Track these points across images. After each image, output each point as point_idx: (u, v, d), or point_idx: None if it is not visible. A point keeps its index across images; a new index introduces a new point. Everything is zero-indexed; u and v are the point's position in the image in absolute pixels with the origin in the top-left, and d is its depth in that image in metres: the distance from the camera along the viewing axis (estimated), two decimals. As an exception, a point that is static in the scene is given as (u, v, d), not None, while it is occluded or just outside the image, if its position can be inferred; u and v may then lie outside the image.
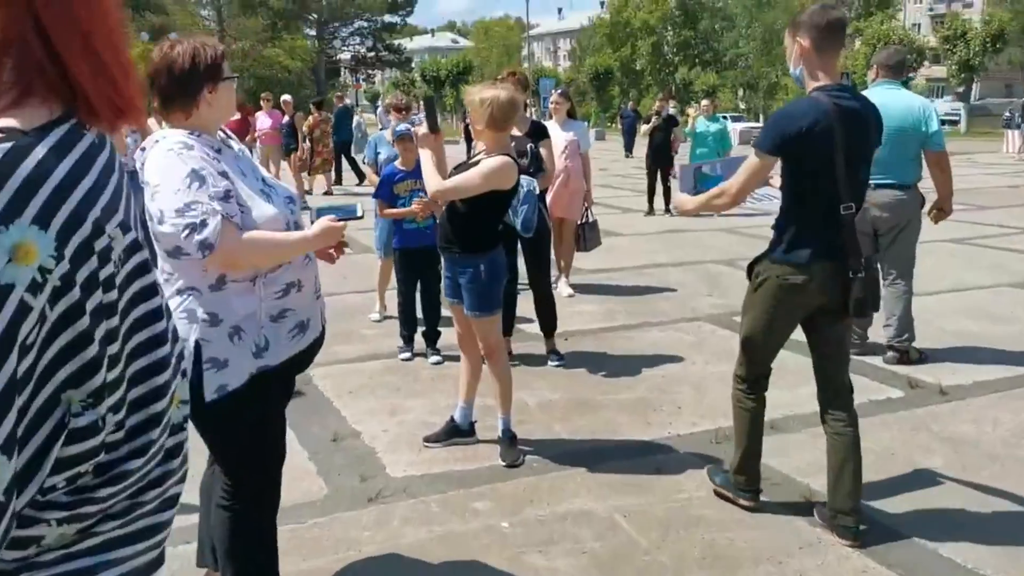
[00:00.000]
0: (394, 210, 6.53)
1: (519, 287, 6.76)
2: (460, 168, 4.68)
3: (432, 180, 4.54)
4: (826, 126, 3.64)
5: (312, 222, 3.21)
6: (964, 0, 76.61)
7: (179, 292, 3.00)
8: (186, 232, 2.83)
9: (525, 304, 6.94)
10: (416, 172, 5.95)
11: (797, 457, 4.76)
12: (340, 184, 20.09)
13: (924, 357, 6.53)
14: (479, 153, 4.73)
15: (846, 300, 3.79)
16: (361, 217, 3.31)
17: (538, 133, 6.60)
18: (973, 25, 49.24)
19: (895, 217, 6.31)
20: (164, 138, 3.01)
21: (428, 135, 4.62)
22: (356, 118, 23.85)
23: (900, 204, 6.27)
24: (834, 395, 4.01)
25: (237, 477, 3.16)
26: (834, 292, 3.81)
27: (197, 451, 3.24)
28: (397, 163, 6.67)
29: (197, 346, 2.94)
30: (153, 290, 1.30)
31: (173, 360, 1.36)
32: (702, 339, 7.12)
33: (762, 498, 4.25)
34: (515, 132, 6.37)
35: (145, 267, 1.28)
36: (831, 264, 3.77)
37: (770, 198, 4.37)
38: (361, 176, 20.30)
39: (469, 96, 4.67)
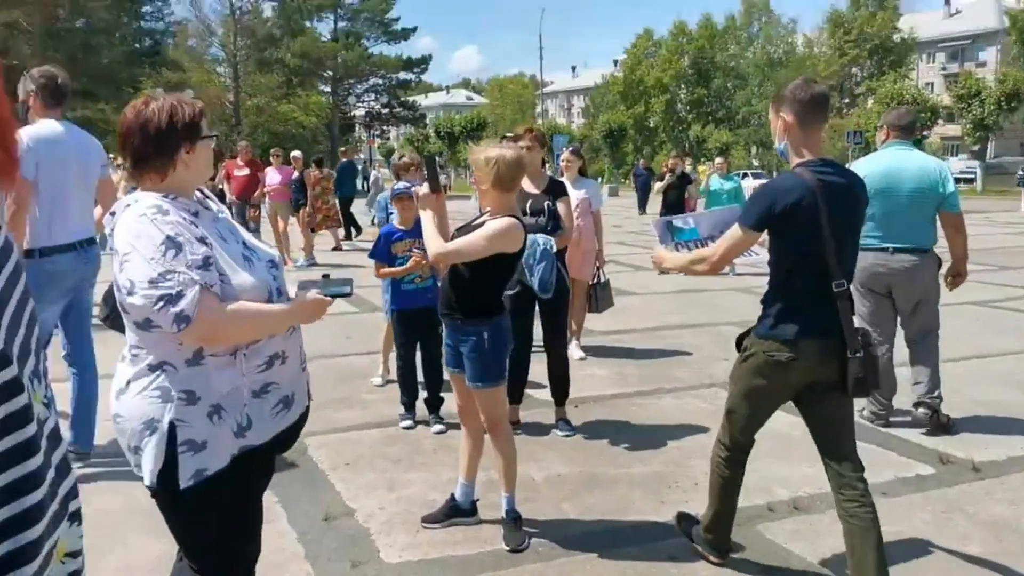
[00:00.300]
0: (391, 269, 6.28)
1: (533, 349, 6.45)
2: (463, 230, 4.43)
3: (433, 243, 4.29)
4: (811, 202, 3.57)
5: (297, 293, 2.96)
6: (977, 60, 76.89)
7: (151, 368, 2.74)
8: (160, 304, 2.58)
9: (535, 367, 6.62)
10: (415, 231, 5.71)
11: (822, 542, 4.42)
12: (350, 239, 19.94)
13: (953, 424, 6.24)
14: (484, 214, 4.48)
15: (842, 378, 3.65)
16: (350, 294, 3.04)
17: (556, 190, 6.33)
18: (987, 84, 49.25)
19: (915, 285, 6.14)
20: (136, 202, 2.76)
21: (429, 195, 4.38)
22: (373, 173, 23.85)
23: (918, 270, 6.09)
24: (839, 474, 3.80)
25: (208, 570, 2.87)
26: (823, 370, 3.68)
27: (169, 541, 2.98)
28: (395, 222, 6.43)
29: (171, 427, 2.68)
30: (23, 417, 1.01)
31: (53, 506, 1.06)
32: (719, 407, 6.71)
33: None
34: (532, 189, 6.15)
35: (13, 388, 1.00)
36: (820, 341, 3.66)
37: (751, 253, 4.21)
38: (358, 228, 20.22)
39: (474, 155, 4.43)
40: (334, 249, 17.95)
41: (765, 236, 3.80)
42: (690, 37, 75.44)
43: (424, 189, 4.42)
